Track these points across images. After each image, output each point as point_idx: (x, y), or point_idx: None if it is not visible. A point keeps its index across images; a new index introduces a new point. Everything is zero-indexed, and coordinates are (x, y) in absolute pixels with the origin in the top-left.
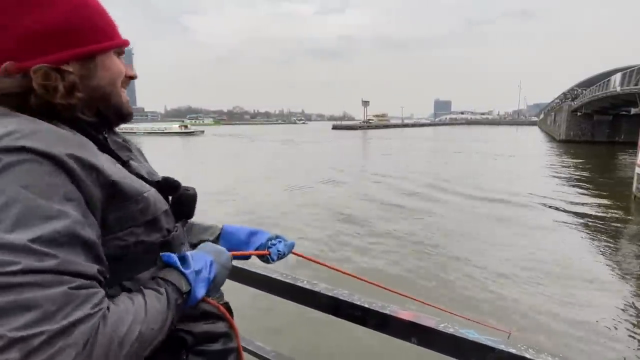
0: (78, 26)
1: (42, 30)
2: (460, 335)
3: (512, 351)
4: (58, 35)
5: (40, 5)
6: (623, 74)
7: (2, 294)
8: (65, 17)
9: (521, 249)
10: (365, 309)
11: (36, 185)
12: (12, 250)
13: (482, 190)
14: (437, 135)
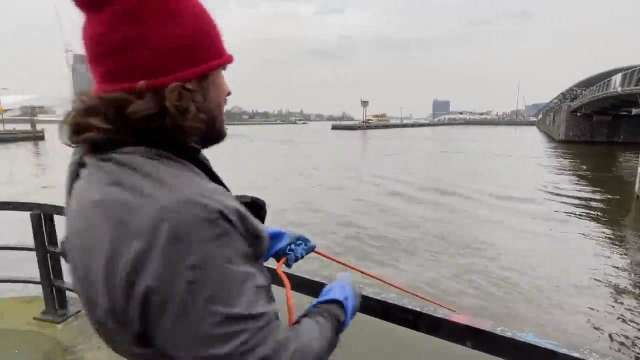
0: (200, 41)
1: (173, 45)
2: (519, 339)
3: (575, 355)
4: (185, 51)
5: (172, 17)
6: (624, 75)
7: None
8: (192, 32)
9: (540, 253)
10: (418, 312)
11: (232, 255)
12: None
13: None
14: (437, 135)
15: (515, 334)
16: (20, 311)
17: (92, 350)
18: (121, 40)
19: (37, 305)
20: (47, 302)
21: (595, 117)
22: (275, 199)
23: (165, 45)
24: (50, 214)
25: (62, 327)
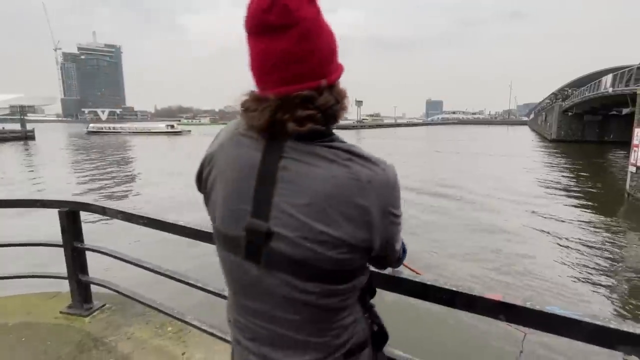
0: (336, 50)
1: (329, 53)
2: (547, 311)
3: (597, 323)
4: (334, 58)
5: (327, 35)
6: (614, 75)
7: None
8: (334, 44)
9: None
10: (454, 292)
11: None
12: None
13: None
14: (431, 135)
15: (543, 307)
16: (46, 306)
17: (122, 340)
18: (302, 52)
19: (61, 300)
20: (74, 297)
21: (586, 117)
22: None
23: (326, 54)
24: (77, 211)
25: (90, 320)
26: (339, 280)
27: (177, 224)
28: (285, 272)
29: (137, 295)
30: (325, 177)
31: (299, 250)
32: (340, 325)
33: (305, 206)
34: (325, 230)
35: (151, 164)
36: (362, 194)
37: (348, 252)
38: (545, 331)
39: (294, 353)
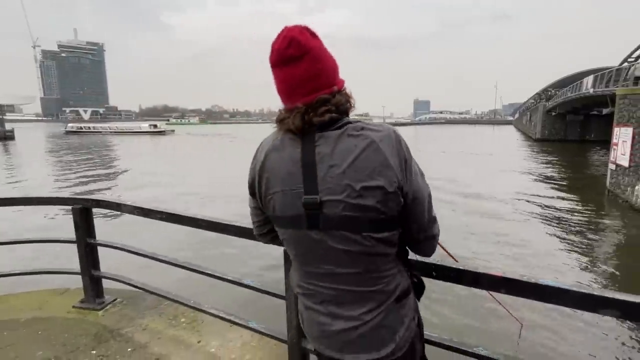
0: (337, 65)
1: (334, 68)
2: (541, 283)
3: (583, 291)
4: (337, 71)
5: (329, 56)
6: (595, 76)
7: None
8: (334, 61)
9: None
10: (460, 270)
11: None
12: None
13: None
14: (420, 135)
15: (538, 279)
16: (56, 302)
17: (138, 331)
18: (316, 70)
19: (71, 296)
20: (87, 292)
21: (569, 117)
22: None
23: (331, 70)
24: (90, 208)
25: (103, 313)
26: (383, 227)
27: (194, 217)
28: (341, 228)
29: (151, 288)
30: (349, 148)
31: (347, 208)
32: (389, 275)
33: (342, 173)
34: (362, 185)
35: (135, 165)
36: (378, 150)
37: (384, 198)
38: (539, 300)
39: (357, 306)
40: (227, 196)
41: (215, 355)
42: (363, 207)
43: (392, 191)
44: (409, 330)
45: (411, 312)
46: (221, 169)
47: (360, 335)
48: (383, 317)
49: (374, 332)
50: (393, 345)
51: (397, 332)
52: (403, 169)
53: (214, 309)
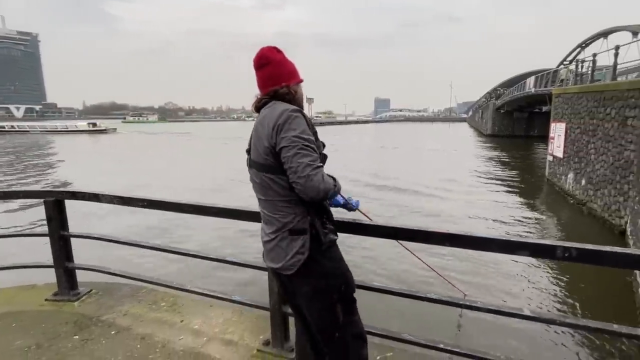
0: (294, 70)
1: (289, 72)
2: (475, 235)
3: (504, 239)
4: (292, 74)
5: (287, 63)
6: (536, 77)
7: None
8: (292, 67)
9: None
10: (415, 230)
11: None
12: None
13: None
14: (381, 132)
15: (473, 233)
16: (27, 296)
17: (119, 317)
18: (275, 74)
19: (41, 290)
20: (61, 284)
21: (515, 114)
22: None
23: (287, 74)
24: (62, 200)
25: (79, 304)
26: (276, 169)
27: (178, 203)
28: (254, 167)
29: (130, 274)
30: (268, 113)
31: (255, 154)
32: (286, 212)
33: (256, 128)
34: (264, 135)
35: (69, 172)
36: (277, 117)
37: (271, 144)
38: (474, 249)
39: (269, 227)
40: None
41: (199, 330)
42: (264, 157)
43: (274, 151)
44: (294, 258)
45: (303, 249)
46: (177, 172)
47: (269, 248)
48: (279, 241)
49: (274, 249)
50: (282, 263)
51: (287, 255)
52: (278, 140)
53: (197, 287)
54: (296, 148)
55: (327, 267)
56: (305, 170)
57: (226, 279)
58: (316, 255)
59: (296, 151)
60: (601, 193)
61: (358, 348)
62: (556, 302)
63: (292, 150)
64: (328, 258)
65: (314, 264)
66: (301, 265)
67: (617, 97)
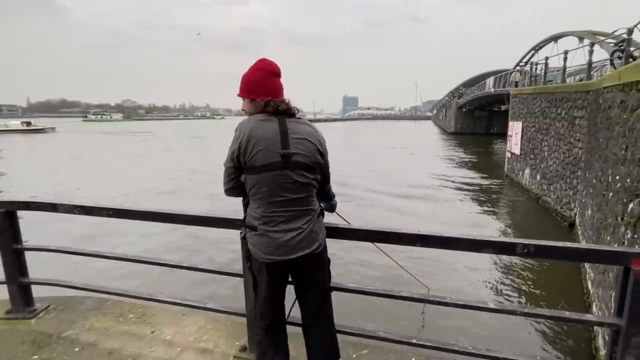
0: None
1: (246, 89)
2: (444, 235)
3: (470, 238)
4: (248, 91)
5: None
6: (495, 77)
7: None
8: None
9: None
10: (387, 232)
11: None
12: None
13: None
14: (349, 130)
15: (442, 234)
16: None
17: (83, 332)
18: (243, 90)
19: None
20: (15, 301)
21: (476, 113)
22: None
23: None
24: (14, 211)
25: (36, 321)
26: (317, 172)
27: (142, 211)
28: (301, 169)
29: (94, 286)
30: (306, 128)
31: (305, 159)
32: (314, 201)
33: (303, 138)
34: (313, 147)
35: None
36: (318, 134)
37: (320, 156)
38: (443, 248)
39: (302, 219)
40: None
41: (172, 341)
42: (313, 159)
43: (320, 156)
44: (323, 234)
45: (324, 225)
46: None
47: (302, 238)
48: (313, 225)
49: (309, 234)
50: (318, 242)
51: (319, 235)
52: (323, 152)
53: (168, 297)
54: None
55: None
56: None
57: (197, 289)
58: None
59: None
60: (554, 187)
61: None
62: (514, 294)
63: (328, 168)
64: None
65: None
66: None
67: (567, 98)
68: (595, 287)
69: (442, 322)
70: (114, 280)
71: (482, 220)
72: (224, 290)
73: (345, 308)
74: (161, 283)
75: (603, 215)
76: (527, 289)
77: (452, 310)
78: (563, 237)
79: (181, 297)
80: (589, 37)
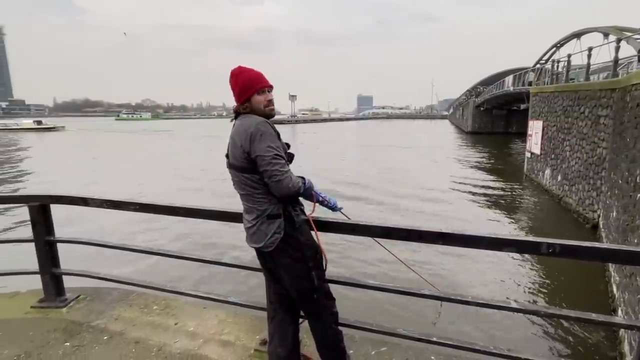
0: (245, 89)
1: (239, 91)
2: (465, 234)
3: (492, 236)
4: (243, 92)
5: (237, 85)
6: (514, 76)
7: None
8: (244, 86)
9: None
10: (408, 229)
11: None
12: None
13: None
14: (365, 129)
15: (463, 231)
16: (10, 304)
17: (111, 322)
18: (236, 93)
19: (25, 298)
20: (47, 290)
21: (495, 112)
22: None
23: (238, 92)
24: (47, 205)
25: (67, 310)
26: (249, 171)
27: (171, 206)
28: (233, 169)
29: (121, 278)
30: (238, 128)
31: (232, 159)
32: (261, 201)
33: (231, 138)
34: (237, 146)
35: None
36: (248, 130)
37: (244, 154)
38: (464, 247)
39: (251, 215)
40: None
41: (195, 332)
42: (240, 160)
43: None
44: (273, 237)
45: (279, 229)
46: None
47: (252, 233)
48: (259, 225)
49: (256, 232)
50: (263, 243)
51: (267, 235)
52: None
53: (190, 290)
54: (268, 157)
55: (302, 241)
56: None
57: (218, 282)
58: (292, 233)
59: (269, 160)
60: (576, 188)
61: (331, 306)
62: (538, 295)
63: (267, 159)
64: (300, 233)
65: (290, 239)
66: (279, 242)
67: (591, 96)
68: (621, 291)
69: (457, 323)
70: (142, 272)
71: (500, 221)
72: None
73: (360, 305)
74: (182, 277)
75: (630, 217)
76: (547, 291)
77: (468, 311)
78: (586, 239)
79: (203, 291)
80: (615, 33)
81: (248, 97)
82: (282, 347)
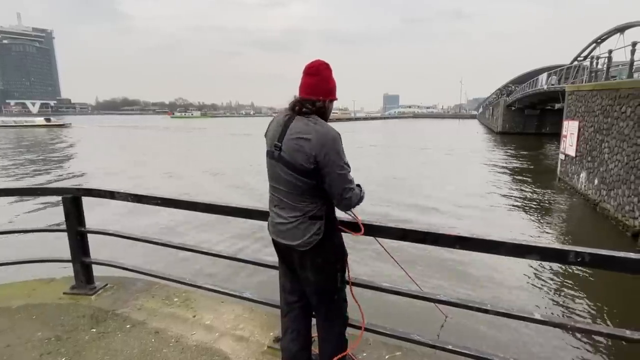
0: (333, 89)
1: (330, 89)
2: (484, 238)
3: (514, 242)
4: (332, 91)
5: (331, 79)
6: (548, 74)
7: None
8: (333, 86)
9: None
10: (425, 232)
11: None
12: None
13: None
14: (388, 129)
15: (483, 236)
16: (46, 289)
17: (134, 311)
18: (321, 86)
19: (59, 284)
20: (78, 278)
21: (527, 111)
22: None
23: (326, 90)
24: (79, 197)
25: (96, 297)
26: (306, 175)
27: (192, 201)
28: (285, 166)
29: (145, 270)
30: (303, 127)
31: (289, 157)
32: (306, 201)
33: (295, 137)
34: (301, 150)
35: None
36: (318, 139)
37: (307, 161)
38: (484, 252)
39: (289, 211)
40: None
41: (211, 326)
42: (299, 160)
43: (314, 160)
44: (311, 238)
45: (319, 231)
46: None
47: (286, 229)
48: (298, 223)
49: (291, 229)
50: (299, 241)
51: (304, 235)
52: (323, 157)
53: (209, 284)
54: (339, 173)
55: (336, 245)
56: (342, 192)
57: (235, 277)
58: (329, 235)
59: (345, 176)
60: (614, 193)
61: (345, 308)
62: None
63: (337, 174)
64: (337, 237)
65: (327, 242)
66: (316, 244)
67: (634, 95)
68: None
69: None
70: (164, 265)
71: (529, 227)
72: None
73: (375, 306)
74: (202, 271)
75: None
76: (574, 304)
77: (482, 319)
78: (626, 248)
79: (220, 286)
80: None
81: (333, 98)
82: (295, 342)
